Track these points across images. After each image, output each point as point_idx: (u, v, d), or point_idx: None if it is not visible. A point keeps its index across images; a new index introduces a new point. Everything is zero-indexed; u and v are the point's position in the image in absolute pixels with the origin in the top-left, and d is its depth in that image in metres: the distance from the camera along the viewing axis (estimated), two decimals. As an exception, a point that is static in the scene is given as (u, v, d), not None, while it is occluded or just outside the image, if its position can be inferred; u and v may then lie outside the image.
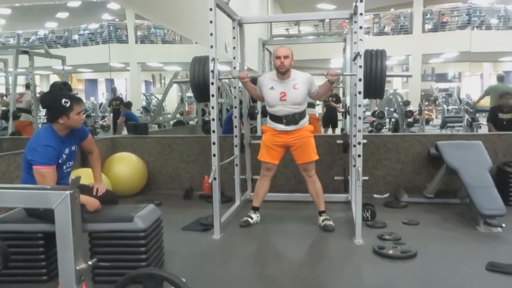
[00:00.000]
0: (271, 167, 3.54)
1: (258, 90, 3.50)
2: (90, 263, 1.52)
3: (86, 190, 2.63)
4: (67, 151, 2.54)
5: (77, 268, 1.44)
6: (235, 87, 4.07)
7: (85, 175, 3.00)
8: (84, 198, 2.44)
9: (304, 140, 3.42)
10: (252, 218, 3.55)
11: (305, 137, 3.42)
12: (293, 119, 3.37)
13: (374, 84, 3.33)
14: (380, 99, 3.45)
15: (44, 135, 2.45)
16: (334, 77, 3.30)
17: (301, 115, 3.41)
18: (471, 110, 9.06)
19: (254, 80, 3.56)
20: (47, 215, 2.19)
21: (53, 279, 2.40)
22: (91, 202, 2.48)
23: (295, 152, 3.46)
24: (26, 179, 2.45)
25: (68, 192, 1.40)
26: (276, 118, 3.42)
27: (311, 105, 6.06)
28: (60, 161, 2.48)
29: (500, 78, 7.81)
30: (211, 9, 3.11)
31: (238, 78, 3.58)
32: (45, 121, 2.64)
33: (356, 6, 3.29)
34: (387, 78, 3.39)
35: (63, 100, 2.42)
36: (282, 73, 3.32)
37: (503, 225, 3.19)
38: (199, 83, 3.62)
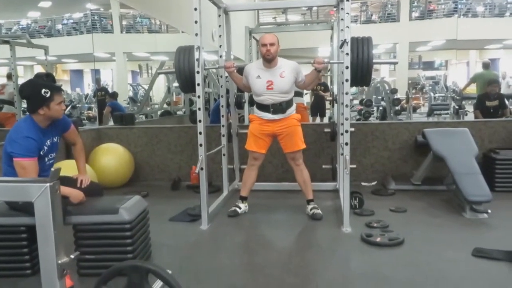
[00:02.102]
0: (259, 156, 3.51)
1: (244, 79, 3.47)
2: (72, 256, 1.48)
3: (70, 182, 2.59)
4: (48, 142, 2.48)
5: (59, 262, 1.40)
6: (221, 76, 4.02)
7: (69, 167, 2.97)
8: (68, 190, 2.40)
9: (291, 129, 3.40)
10: (240, 208, 3.54)
11: (292, 126, 3.40)
12: (280, 107, 3.35)
13: (361, 72, 3.32)
14: (367, 87, 3.45)
15: (24, 126, 2.39)
16: (320, 65, 3.26)
17: (288, 103, 3.38)
18: (458, 98, 9.13)
19: (240, 70, 3.52)
20: (28, 208, 2.14)
21: (37, 273, 2.36)
22: (75, 194, 2.43)
23: (283, 141, 3.45)
24: (7, 172, 2.39)
25: (48, 184, 1.36)
26: (263, 107, 3.39)
27: (299, 94, 6.03)
28: (41, 153, 2.42)
29: (486, 66, 7.86)
30: (195, -4, 3.05)
31: (224, 68, 3.54)
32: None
33: (342, -7, 3.25)
34: (375, 66, 3.39)
35: (43, 90, 2.36)
36: (269, 60, 3.28)
37: (489, 211, 3.23)
38: (184, 73, 3.57)
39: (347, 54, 3.01)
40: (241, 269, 2.55)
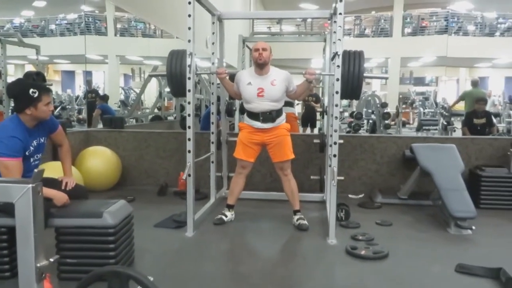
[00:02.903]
0: (247, 165, 3.51)
1: (235, 86, 3.47)
2: (52, 260, 1.46)
3: (55, 184, 2.56)
4: (34, 143, 2.45)
5: (38, 265, 1.39)
6: (213, 83, 4.02)
7: (55, 169, 2.93)
8: (51, 192, 2.37)
9: (281, 138, 3.40)
10: (226, 216, 3.52)
11: (281, 136, 3.41)
12: (270, 116, 3.35)
13: (351, 85, 3.35)
14: (356, 100, 3.50)
15: (10, 126, 2.36)
16: (312, 76, 3.28)
17: (278, 112, 3.39)
18: (446, 114, 9.24)
19: (232, 77, 3.53)
20: (9, 209, 2.10)
21: (16, 275, 2.29)
22: (59, 197, 2.40)
23: (272, 151, 3.45)
24: (-9, 171, 2.35)
25: (30, 185, 1.34)
26: (253, 115, 3.39)
27: (290, 104, 6.05)
28: (27, 153, 2.39)
29: (474, 84, 7.98)
30: (189, 3, 3.05)
31: (215, 73, 3.54)
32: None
33: (335, 7, 3.29)
34: (367, 80, 3.43)
35: (31, 90, 2.34)
36: (260, 66, 3.29)
37: (473, 227, 3.25)
38: (176, 76, 3.55)
39: (338, 66, 3.03)
40: (225, 278, 2.53)
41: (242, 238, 3.29)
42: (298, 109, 11.00)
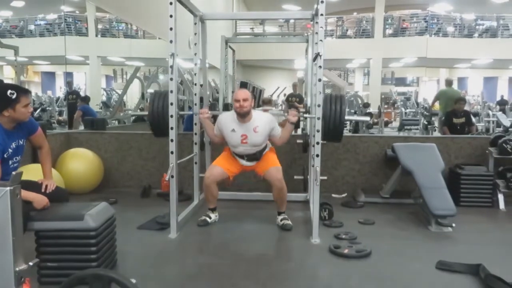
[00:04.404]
0: (222, 175, 3.46)
1: (216, 129, 3.49)
2: (31, 263, 1.44)
3: (34, 186, 2.51)
4: (13, 145, 2.41)
5: (17, 269, 1.36)
6: (195, 84, 4.01)
7: (35, 171, 2.88)
8: (31, 195, 2.33)
9: (264, 158, 3.49)
10: (210, 218, 3.51)
11: (265, 157, 3.49)
12: (254, 156, 3.46)
13: (333, 127, 3.44)
14: (338, 142, 3.59)
15: (-13, 128, 2.31)
16: (295, 118, 3.34)
17: (262, 151, 3.48)
18: (427, 114, 9.40)
19: (214, 117, 3.60)
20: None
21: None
22: (38, 199, 2.35)
23: (258, 169, 3.51)
24: (-31, 174, 2.30)
25: (7, 188, 1.32)
26: (238, 155, 3.48)
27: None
28: (5, 155, 2.34)
29: (449, 83, 8.12)
30: (171, 3, 3.04)
31: (198, 113, 3.59)
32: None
33: (317, 8, 3.31)
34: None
35: (9, 91, 2.29)
36: (242, 116, 3.31)
37: (453, 225, 3.31)
38: (158, 118, 3.66)
39: (320, 67, 3.06)
40: (208, 279, 2.52)
41: (226, 239, 3.29)
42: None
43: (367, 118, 3.33)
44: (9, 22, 7.13)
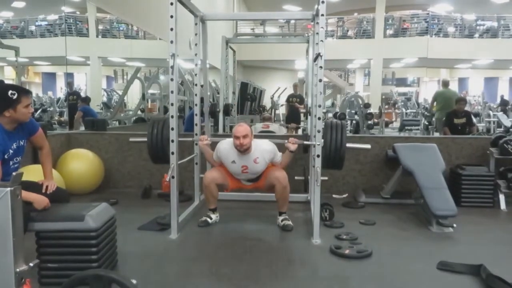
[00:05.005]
0: (221, 178, 3.49)
1: (216, 156, 3.52)
2: (31, 264, 1.44)
3: (35, 187, 2.51)
4: (14, 146, 2.41)
5: (17, 270, 1.36)
6: (196, 85, 4.01)
7: (36, 172, 2.88)
8: (31, 196, 2.33)
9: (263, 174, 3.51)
10: (211, 218, 3.51)
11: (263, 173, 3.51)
12: (255, 179, 3.53)
13: (334, 155, 3.43)
14: (339, 170, 3.60)
15: (-12, 128, 2.31)
16: (294, 146, 3.35)
17: (262, 173, 3.50)
18: (428, 114, 9.38)
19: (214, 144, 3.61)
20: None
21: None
22: (39, 200, 2.35)
23: (259, 186, 3.58)
24: (-31, 175, 2.30)
25: (8, 189, 1.32)
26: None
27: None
28: (6, 156, 2.34)
29: (445, 84, 8.09)
30: (172, 4, 3.04)
31: (197, 140, 3.61)
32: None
33: (318, 8, 3.31)
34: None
35: (10, 92, 2.29)
36: (243, 152, 3.33)
37: (454, 225, 3.31)
38: (156, 144, 3.67)
39: (320, 67, 3.06)
40: (209, 279, 2.52)
41: (226, 240, 3.28)
42: (282, 110, 11.05)
43: (368, 146, 3.35)
44: (10, 23, 7.14)
